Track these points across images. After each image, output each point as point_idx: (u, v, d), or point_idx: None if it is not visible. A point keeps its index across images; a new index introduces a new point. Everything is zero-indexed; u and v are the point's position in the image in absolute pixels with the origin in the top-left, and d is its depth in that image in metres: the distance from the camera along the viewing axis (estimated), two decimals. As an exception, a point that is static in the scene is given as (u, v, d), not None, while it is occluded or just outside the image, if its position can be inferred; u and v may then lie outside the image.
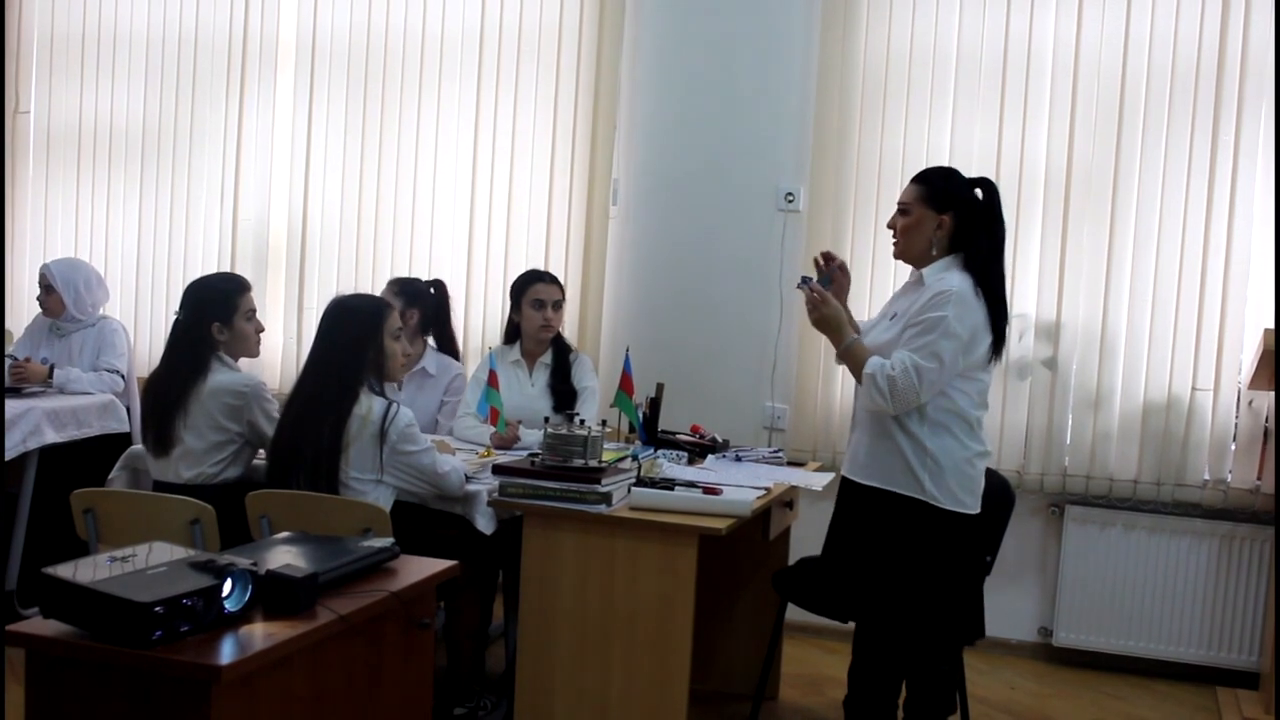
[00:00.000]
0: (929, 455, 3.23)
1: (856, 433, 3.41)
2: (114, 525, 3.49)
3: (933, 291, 3.23)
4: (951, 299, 3.19)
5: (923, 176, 3.39)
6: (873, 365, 3.21)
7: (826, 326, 3.33)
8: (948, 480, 3.25)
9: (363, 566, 2.53)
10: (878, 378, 3.18)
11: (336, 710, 2.38)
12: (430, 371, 4.69)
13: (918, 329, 3.20)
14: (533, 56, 5.30)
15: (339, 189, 5.55)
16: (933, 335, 3.17)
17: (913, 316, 3.23)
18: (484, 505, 3.60)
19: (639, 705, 3.36)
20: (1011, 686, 4.62)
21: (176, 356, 3.81)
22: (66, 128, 5.95)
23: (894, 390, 3.17)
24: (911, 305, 3.28)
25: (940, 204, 3.31)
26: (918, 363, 3.16)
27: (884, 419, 3.25)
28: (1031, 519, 4.87)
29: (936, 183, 3.34)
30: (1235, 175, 4.60)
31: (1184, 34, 4.62)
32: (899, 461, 3.25)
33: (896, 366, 3.17)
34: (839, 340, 3.32)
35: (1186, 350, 4.68)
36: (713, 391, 5.07)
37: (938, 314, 3.18)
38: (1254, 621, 4.65)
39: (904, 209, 3.36)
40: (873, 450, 3.31)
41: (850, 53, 4.95)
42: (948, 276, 3.27)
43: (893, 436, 3.26)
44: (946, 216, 3.30)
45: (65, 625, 2.12)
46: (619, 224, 5.28)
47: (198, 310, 3.82)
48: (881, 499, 3.28)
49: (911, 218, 3.33)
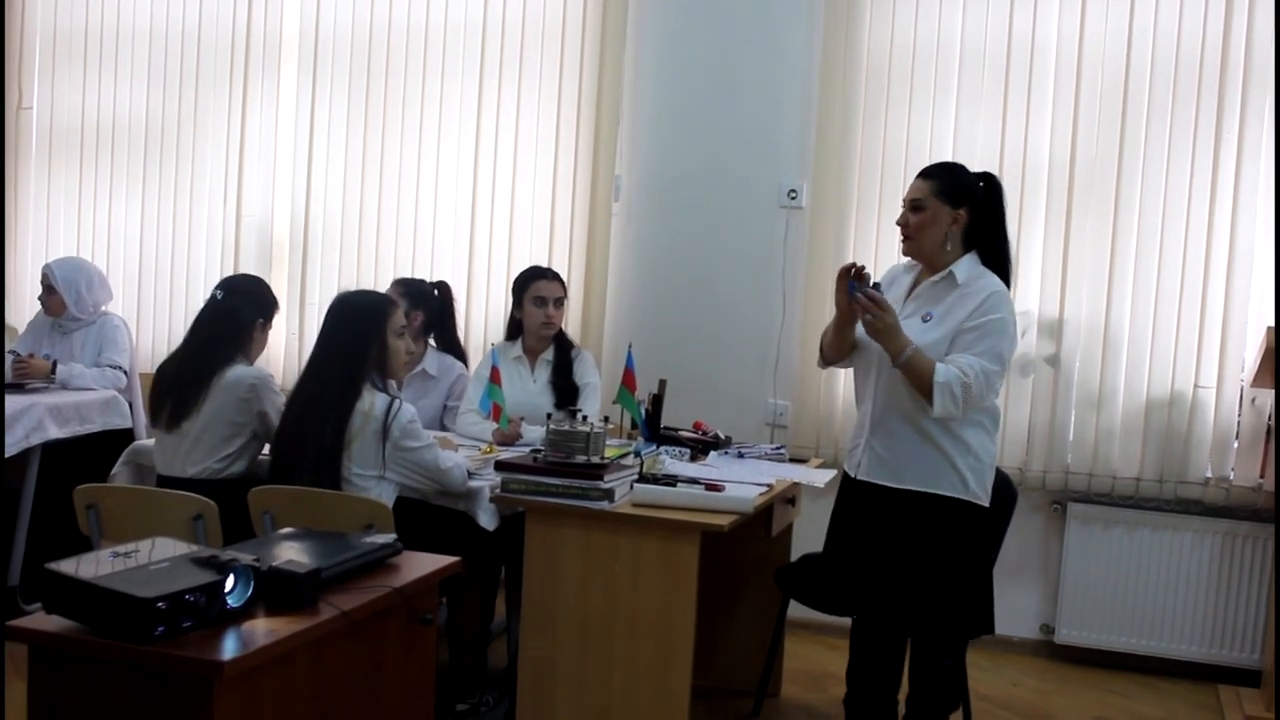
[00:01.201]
0: (972, 454, 3.24)
1: (879, 436, 3.33)
2: (117, 521, 3.49)
3: (986, 292, 3.22)
4: (1003, 299, 3.22)
5: (933, 171, 3.36)
6: (945, 374, 3.14)
7: (887, 334, 3.18)
8: (986, 476, 3.29)
9: (365, 562, 2.52)
10: (954, 387, 3.13)
11: (339, 706, 2.38)
12: (431, 373, 4.67)
13: (978, 332, 3.19)
14: (535, 53, 5.30)
15: (341, 185, 5.56)
16: (995, 338, 3.18)
17: (967, 319, 3.20)
18: (486, 501, 3.60)
19: (641, 701, 3.36)
20: (1013, 683, 4.63)
21: (212, 336, 3.83)
22: (69, 123, 5.96)
23: (968, 397, 3.15)
24: (952, 306, 3.25)
25: (955, 199, 3.29)
26: (986, 367, 3.16)
27: (921, 421, 3.22)
28: (1034, 516, 4.87)
29: (949, 178, 3.32)
30: (1239, 172, 4.59)
31: (1187, 29, 4.62)
32: (942, 462, 3.23)
33: (969, 373, 3.14)
34: (898, 348, 3.17)
35: (1189, 348, 4.68)
36: (715, 388, 5.07)
37: (996, 316, 3.19)
38: (1256, 619, 4.65)
39: (917, 205, 3.31)
40: (908, 453, 3.27)
41: (853, 48, 4.94)
42: (984, 275, 3.27)
43: (933, 438, 3.23)
44: (962, 211, 3.29)
45: (68, 621, 2.12)
46: (621, 220, 5.28)
47: (253, 304, 3.92)
48: (921, 502, 3.25)
49: (926, 213, 3.29)
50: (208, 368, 3.78)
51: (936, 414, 3.16)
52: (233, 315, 3.86)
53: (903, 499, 3.27)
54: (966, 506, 3.26)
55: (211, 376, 3.77)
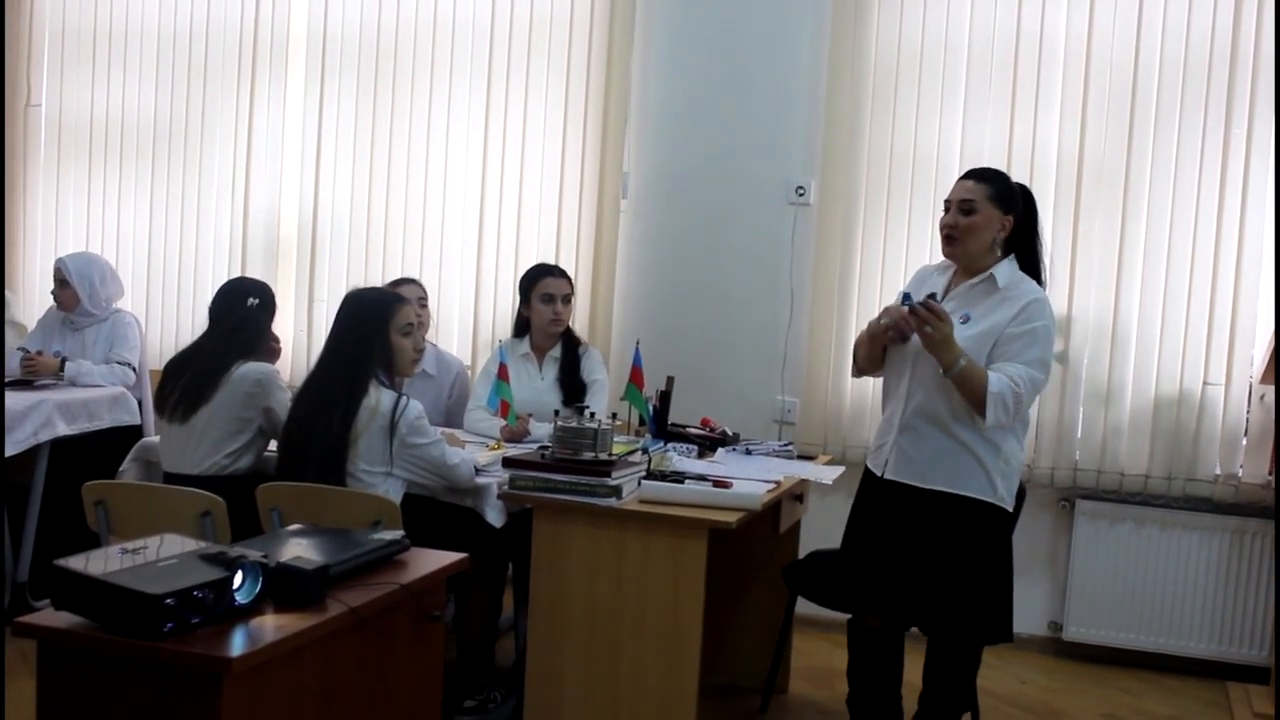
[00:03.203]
0: (1003, 458, 3.24)
1: (908, 436, 3.31)
2: (125, 517, 3.50)
3: (1027, 299, 3.22)
4: (1045, 306, 3.23)
5: (986, 175, 3.34)
6: (999, 384, 3.12)
7: (943, 345, 3.14)
8: (1013, 482, 3.29)
9: (373, 559, 2.53)
10: (1007, 397, 3.12)
11: (347, 702, 2.38)
12: (430, 373, 4.67)
13: (1024, 341, 3.18)
14: (543, 50, 5.30)
15: (349, 183, 5.56)
16: (1041, 347, 3.19)
17: (1010, 326, 3.20)
18: (494, 498, 3.60)
19: (649, 698, 3.36)
20: (1021, 681, 4.62)
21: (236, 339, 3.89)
22: (78, 121, 5.97)
23: (1019, 406, 3.16)
24: (992, 311, 3.24)
25: (1006, 204, 3.29)
26: (1034, 376, 3.17)
27: (951, 423, 3.22)
28: (1042, 513, 4.86)
29: (1001, 183, 3.32)
30: (1248, 169, 4.58)
31: (1196, 26, 4.60)
32: (973, 465, 3.23)
33: (1020, 383, 3.14)
34: (952, 359, 3.14)
35: (1198, 344, 4.66)
36: (723, 385, 5.07)
37: (1041, 323, 3.20)
38: (1265, 616, 4.64)
39: (968, 207, 3.28)
40: (938, 454, 3.26)
41: (861, 45, 4.94)
42: (1024, 280, 3.28)
43: (964, 441, 3.22)
44: (1010, 218, 3.29)
45: (76, 617, 2.12)
46: (629, 217, 5.28)
47: (270, 308, 4.03)
48: (948, 503, 3.24)
49: (978, 216, 3.27)
50: (224, 366, 3.82)
51: (989, 424, 3.15)
52: (258, 324, 3.97)
53: (929, 499, 3.26)
54: (992, 510, 3.26)
55: (224, 374, 3.80)
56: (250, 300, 3.96)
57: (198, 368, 3.85)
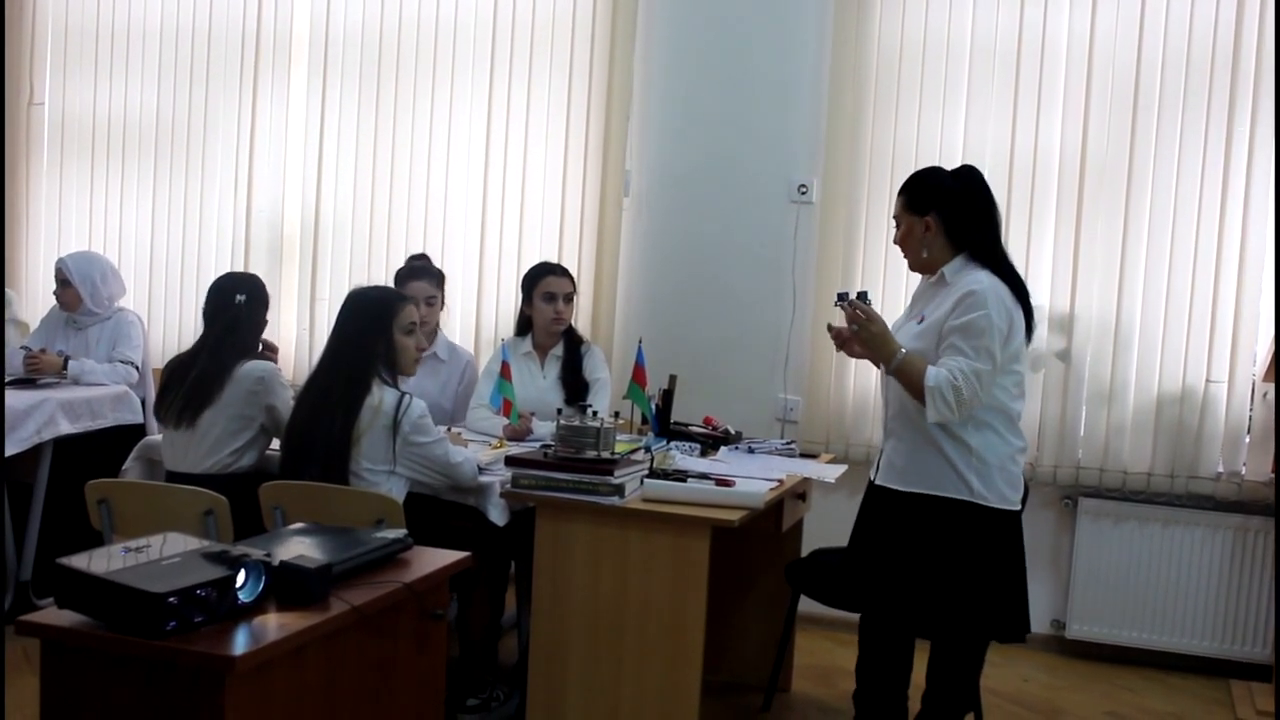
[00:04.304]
0: (974, 455, 3.21)
1: (891, 441, 3.35)
2: (128, 516, 3.50)
3: (962, 291, 3.19)
4: (986, 295, 3.17)
5: (904, 185, 3.40)
6: (935, 378, 3.12)
7: (875, 344, 3.21)
8: (994, 478, 3.24)
9: (376, 558, 2.53)
10: (944, 390, 3.12)
11: (350, 701, 2.39)
12: (442, 357, 4.71)
13: (962, 333, 3.16)
14: (545, 48, 5.30)
15: (352, 181, 5.56)
16: (981, 337, 3.15)
17: (949, 319, 3.18)
18: (496, 497, 3.60)
19: (651, 696, 3.36)
20: (1024, 679, 4.62)
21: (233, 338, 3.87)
22: (80, 120, 5.97)
23: (959, 400, 3.13)
24: (939, 307, 3.25)
25: (919, 207, 3.31)
26: (975, 367, 3.13)
27: (922, 424, 3.21)
28: (1045, 511, 4.85)
29: (914, 187, 3.36)
30: (1250, 166, 4.57)
31: (1198, 23, 4.60)
32: (943, 464, 3.22)
33: (958, 375, 3.12)
34: (889, 356, 3.19)
35: (1201, 342, 4.66)
36: (725, 383, 5.07)
37: (979, 313, 3.15)
38: (1268, 614, 4.63)
39: (896, 222, 3.39)
40: (913, 456, 3.27)
41: (863, 43, 4.93)
42: (970, 273, 3.25)
43: (934, 440, 3.22)
44: (929, 218, 3.29)
45: (80, 615, 2.13)
46: (631, 216, 5.28)
47: (263, 302, 3.99)
48: (927, 505, 3.24)
49: (902, 229, 3.36)
50: (224, 366, 3.81)
51: (931, 419, 3.16)
52: (251, 319, 3.93)
53: (910, 502, 3.27)
54: (971, 508, 3.23)
55: (225, 376, 3.80)
56: (238, 297, 3.92)
57: (197, 373, 3.83)
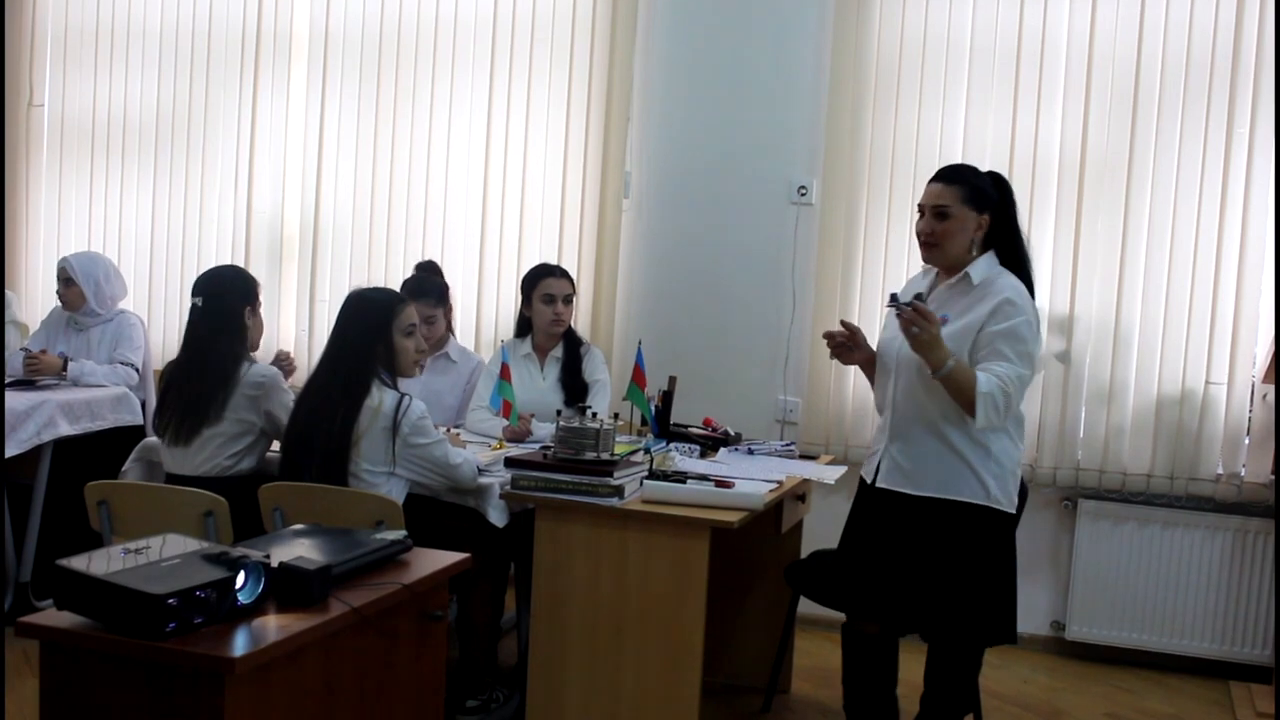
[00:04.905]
0: (993, 459, 3.18)
1: (897, 444, 3.28)
2: (128, 517, 3.50)
3: (1000, 297, 3.16)
4: (1023, 299, 3.17)
5: (955, 176, 3.26)
6: (988, 384, 3.06)
7: (931, 346, 3.07)
8: (1008, 483, 3.23)
9: (375, 559, 2.53)
10: (997, 397, 3.06)
11: (349, 702, 2.39)
12: (453, 358, 4.73)
13: (1006, 338, 3.12)
14: (545, 48, 5.30)
15: (352, 181, 5.56)
16: (1025, 343, 3.13)
17: (988, 325, 3.14)
18: (496, 498, 3.60)
19: (651, 698, 3.36)
20: (1024, 680, 4.62)
21: (203, 344, 3.80)
22: (80, 120, 5.97)
23: (1008, 406, 3.10)
24: (969, 310, 3.19)
25: (980, 204, 3.22)
26: (1020, 373, 3.11)
27: (942, 427, 3.17)
28: (1045, 513, 4.86)
29: (973, 182, 3.24)
30: (1250, 167, 4.57)
31: (1199, 22, 4.60)
32: (962, 468, 3.18)
33: (1009, 381, 3.08)
34: (940, 360, 3.07)
35: (1200, 344, 4.66)
36: (725, 385, 5.07)
37: (1021, 318, 3.14)
38: (1267, 616, 4.63)
39: (943, 212, 3.21)
40: (927, 460, 3.21)
41: (863, 43, 4.93)
42: (1001, 275, 3.22)
43: (952, 443, 3.17)
44: (986, 216, 3.23)
45: (79, 617, 2.12)
46: (631, 217, 5.28)
47: (236, 294, 3.84)
48: (941, 509, 3.20)
49: (953, 220, 3.21)
50: (219, 380, 3.75)
51: (979, 425, 3.10)
52: (222, 315, 3.81)
53: (922, 506, 3.22)
54: (988, 513, 3.22)
55: (210, 385, 3.74)
56: (195, 301, 3.83)
57: (187, 399, 3.77)
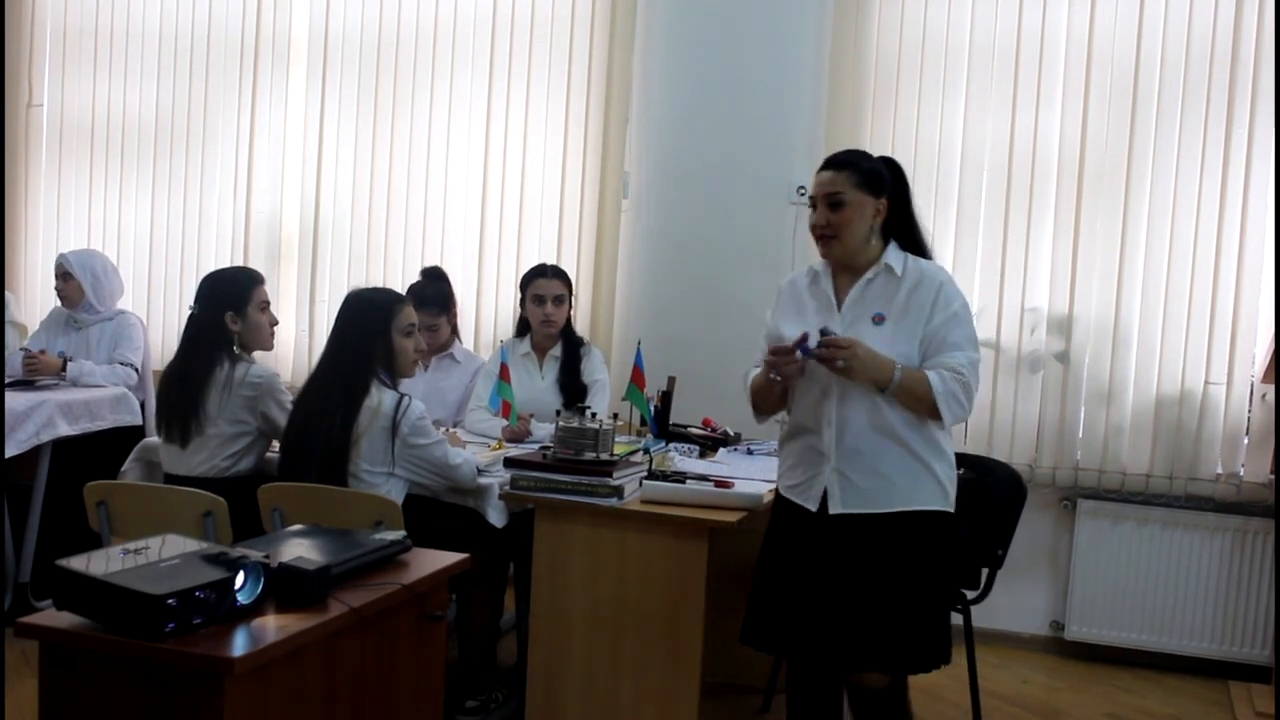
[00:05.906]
0: (945, 459, 3.02)
1: (850, 462, 2.97)
2: (127, 518, 3.50)
3: (933, 283, 2.97)
4: (952, 282, 3.01)
5: (845, 160, 3.02)
6: (942, 383, 2.87)
7: (869, 367, 2.86)
8: (954, 478, 3.06)
9: (375, 559, 2.53)
10: (956, 391, 2.88)
11: (349, 702, 2.39)
12: (458, 359, 4.74)
13: (952, 327, 2.95)
14: (544, 50, 5.30)
15: (351, 182, 5.57)
16: (968, 325, 2.98)
17: (931, 315, 2.95)
18: (495, 498, 3.60)
19: (651, 698, 3.36)
20: (1023, 680, 4.62)
21: (193, 349, 3.83)
22: (80, 122, 5.97)
23: (969, 396, 2.93)
24: (907, 302, 2.97)
25: (875, 188, 2.99)
26: (973, 357, 2.95)
27: (900, 431, 2.94)
28: (1043, 513, 4.85)
29: (864, 165, 3.01)
30: (1249, 166, 4.57)
31: (1198, 22, 4.60)
32: (922, 473, 2.97)
33: (964, 371, 2.89)
34: (886, 375, 2.87)
35: (1200, 344, 4.66)
36: (724, 385, 5.01)
37: (959, 301, 2.98)
38: (1266, 616, 4.63)
39: (837, 200, 2.97)
40: (889, 471, 2.94)
41: (862, 43, 4.94)
42: (920, 262, 3.03)
43: (914, 449, 2.95)
44: (884, 200, 3.00)
45: (78, 617, 2.13)
46: (630, 217, 5.28)
47: (213, 302, 3.86)
48: (903, 521, 2.96)
49: (850, 208, 2.96)
50: (196, 382, 3.77)
51: (948, 424, 2.95)
52: (204, 322, 3.85)
53: (883, 523, 2.96)
54: (944, 517, 3.01)
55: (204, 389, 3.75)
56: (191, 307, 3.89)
57: (183, 397, 3.78)
